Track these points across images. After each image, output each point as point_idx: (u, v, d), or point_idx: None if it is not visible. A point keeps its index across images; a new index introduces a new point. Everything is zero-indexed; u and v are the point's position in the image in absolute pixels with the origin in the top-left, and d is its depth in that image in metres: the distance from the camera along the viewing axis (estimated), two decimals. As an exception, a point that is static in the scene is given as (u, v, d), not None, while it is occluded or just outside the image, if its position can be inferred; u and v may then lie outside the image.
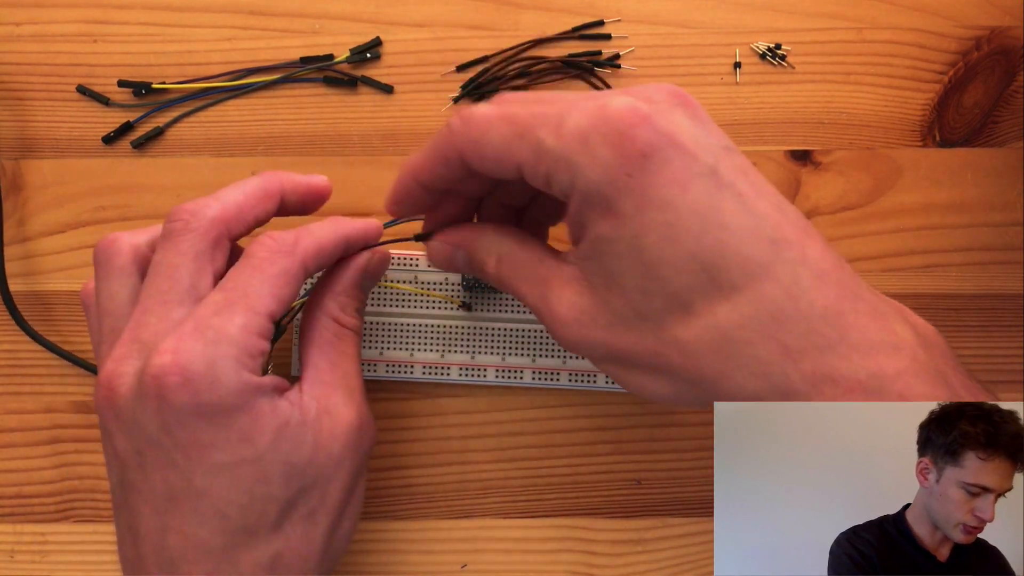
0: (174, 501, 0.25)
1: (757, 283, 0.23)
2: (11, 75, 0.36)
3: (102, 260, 0.29)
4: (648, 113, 0.24)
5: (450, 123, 0.26)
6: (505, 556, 0.35)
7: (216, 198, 0.28)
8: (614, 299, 0.25)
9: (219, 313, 0.26)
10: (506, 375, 0.34)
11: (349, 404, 0.28)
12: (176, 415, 0.25)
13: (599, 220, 0.24)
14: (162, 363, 0.25)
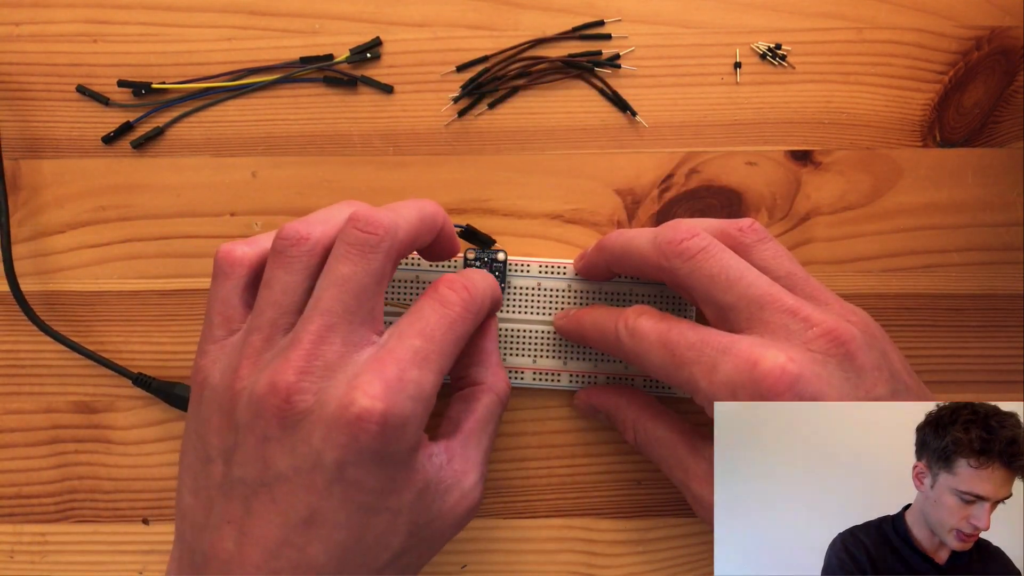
0: (311, 524, 0.25)
1: None
2: (11, 75, 0.36)
3: (290, 250, 0.27)
4: (796, 377, 0.25)
5: (619, 329, 0.29)
6: (505, 556, 0.35)
7: (398, 214, 0.28)
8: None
9: (419, 366, 0.26)
10: (509, 376, 0.34)
11: (479, 488, 0.29)
12: (357, 455, 0.25)
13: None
14: (370, 408, 0.25)
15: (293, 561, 0.25)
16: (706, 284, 0.28)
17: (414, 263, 0.34)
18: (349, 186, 0.35)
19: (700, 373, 0.26)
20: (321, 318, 0.26)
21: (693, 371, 0.27)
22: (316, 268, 0.27)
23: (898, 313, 0.35)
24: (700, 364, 0.27)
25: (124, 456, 0.35)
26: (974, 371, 0.35)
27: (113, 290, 0.35)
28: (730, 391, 0.26)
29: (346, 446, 0.25)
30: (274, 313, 0.27)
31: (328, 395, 0.25)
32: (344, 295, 0.26)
